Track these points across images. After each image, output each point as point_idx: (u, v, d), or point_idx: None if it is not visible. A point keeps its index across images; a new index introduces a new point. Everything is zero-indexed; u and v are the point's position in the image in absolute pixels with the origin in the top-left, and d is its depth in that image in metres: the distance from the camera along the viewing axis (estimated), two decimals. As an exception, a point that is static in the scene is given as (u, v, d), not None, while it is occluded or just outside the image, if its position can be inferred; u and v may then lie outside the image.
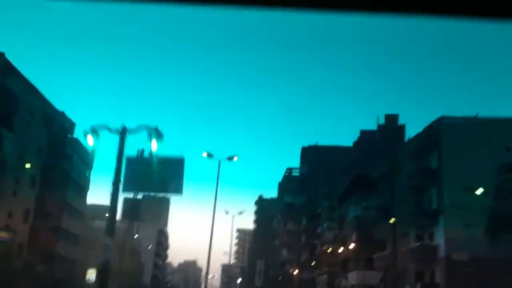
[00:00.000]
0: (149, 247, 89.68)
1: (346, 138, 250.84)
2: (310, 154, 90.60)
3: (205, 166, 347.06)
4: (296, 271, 76.98)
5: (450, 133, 39.42)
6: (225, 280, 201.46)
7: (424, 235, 41.20)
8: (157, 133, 16.46)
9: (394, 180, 46.80)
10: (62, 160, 50.25)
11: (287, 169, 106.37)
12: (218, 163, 31.02)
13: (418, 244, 40.53)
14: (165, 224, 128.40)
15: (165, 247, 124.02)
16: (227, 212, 54.67)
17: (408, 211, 42.72)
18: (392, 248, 45.52)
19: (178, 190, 18.37)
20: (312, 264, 72.30)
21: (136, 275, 74.22)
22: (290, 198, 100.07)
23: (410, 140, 44.88)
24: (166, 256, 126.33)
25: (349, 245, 56.33)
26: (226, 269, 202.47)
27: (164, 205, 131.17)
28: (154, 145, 16.59)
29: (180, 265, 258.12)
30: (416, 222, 41.47)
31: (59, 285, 50.11)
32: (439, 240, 38.88)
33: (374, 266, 51.61)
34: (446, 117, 40.04)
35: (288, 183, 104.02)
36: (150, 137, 16.46)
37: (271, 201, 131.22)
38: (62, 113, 46.73)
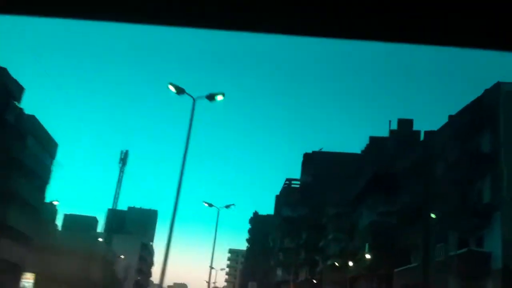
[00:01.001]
0: (122, 256, 78.48)
1: (348, 148, 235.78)
2: (313, 161, 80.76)
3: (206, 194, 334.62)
4: (294, 290, 66.51)
5: (510, 103, 29.70)
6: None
7: (470, 240, 31.09)
8: None
9: (425, 175, 36.89)
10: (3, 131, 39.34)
11: (286, 179, 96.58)
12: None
13: (463, 251, 30.26)
14: (151, 239, 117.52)
15: (150, 263, 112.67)
16: (210, 205, 43.14)
17: (446, 210, 32.66)
18: (422, 259, 35.34)
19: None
20: (313, 283, 61.71)
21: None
22: (289, 212, 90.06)
23: (452, 119, 35.08)
24: (150, 274, 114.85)
25: (361, 258, 46.16)
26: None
27: (150, 217, 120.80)
28: None
29: (169, 287, 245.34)
30: (459, 223, 31.32)
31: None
32: (493, 245, 28.77)
33: (393, 284, 41.39)
34: (504, 84, 30.32)
35: (287, 195, 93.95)
36: None
37: (266, 217, 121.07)
38: (4, 70, 36.63)
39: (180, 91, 21.28)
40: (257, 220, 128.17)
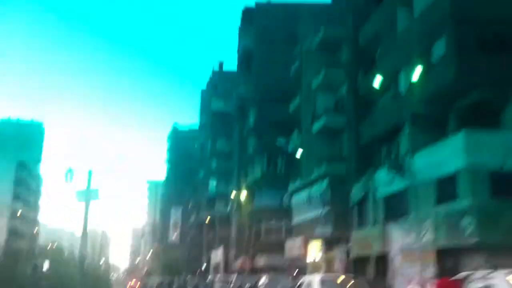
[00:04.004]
0: None
1: None
2: (257, 18, 54.52)
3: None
4: (244, 194, 41.74)
5: None
6: (134, 245, 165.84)
7: None
8: None
9: None
10: None
11: (219, 63, 70.03)
12: None
13: None
14: (36, 160, 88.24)
15: (35, 192, 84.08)
16: None
17: None
18: None
19: None
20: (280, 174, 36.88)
21: None
22: (221, 103, 64.83)
23: None
24: (37, 207, 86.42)
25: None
26: (137, 233, 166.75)
27: (33, 133, 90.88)
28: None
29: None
30: None
31: None
32: None
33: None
34: None
35: (219, 82, 68.08)
36: None
37: (189, 133, 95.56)
38: None
39: None
40: (177, 136, 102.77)
